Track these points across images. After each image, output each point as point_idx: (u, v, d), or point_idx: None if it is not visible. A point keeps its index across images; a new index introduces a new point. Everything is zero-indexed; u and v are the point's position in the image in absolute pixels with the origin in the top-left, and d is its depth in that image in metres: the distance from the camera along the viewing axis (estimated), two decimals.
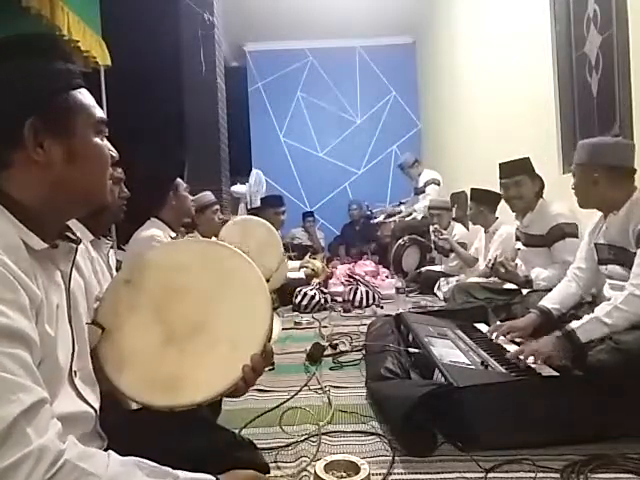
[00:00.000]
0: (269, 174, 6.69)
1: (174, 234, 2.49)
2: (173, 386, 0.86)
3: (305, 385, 2.08)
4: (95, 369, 0.87)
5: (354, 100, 7.53)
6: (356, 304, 3.82)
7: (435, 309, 3.34)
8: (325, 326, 3.20)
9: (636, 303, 1.61)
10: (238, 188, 6.18)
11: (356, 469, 1.12)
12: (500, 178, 2.79)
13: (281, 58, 7.36)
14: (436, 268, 4.56)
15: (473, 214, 3.64)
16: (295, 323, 3.34)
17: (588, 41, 2.97)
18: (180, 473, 0.71)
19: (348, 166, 7.51)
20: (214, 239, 2.77)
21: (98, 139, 0.82)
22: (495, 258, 2.74)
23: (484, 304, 2.74)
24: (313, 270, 4.24)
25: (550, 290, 2.21)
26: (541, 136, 3.45)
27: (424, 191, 5.50)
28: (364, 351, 2.44)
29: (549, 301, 2.10)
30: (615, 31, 2.65)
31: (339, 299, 4.00)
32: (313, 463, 1.35)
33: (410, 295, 4.29)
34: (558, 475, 1.30)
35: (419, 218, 5.34)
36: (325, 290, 4.04)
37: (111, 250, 1.61)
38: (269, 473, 1.13)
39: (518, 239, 2.88)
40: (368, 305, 3.83)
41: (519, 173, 2.69)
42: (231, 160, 5.72)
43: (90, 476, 0.63)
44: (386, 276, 4.84)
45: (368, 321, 2.93)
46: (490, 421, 1.45)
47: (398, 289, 4.29)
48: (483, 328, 2.36)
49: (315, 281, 4.12)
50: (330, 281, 4.34)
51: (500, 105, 4.27)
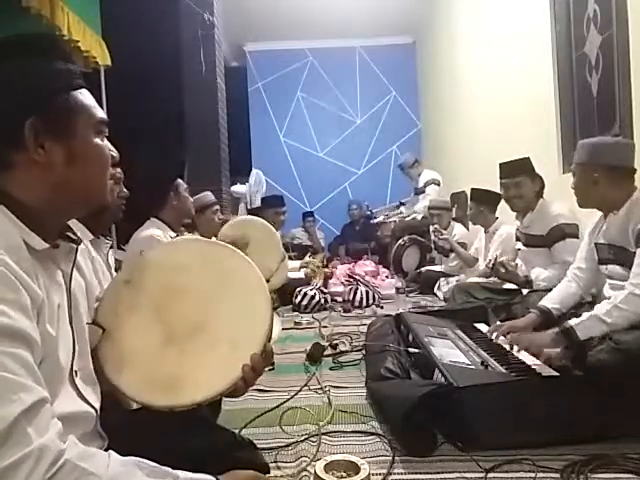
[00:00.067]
0: (269, 174, 6.69)
1: (174, 234, 2.49)
2: (173, 386, 0.86)
3: (305, 385, 2.07)
4: (95, 369, 0.87)
5: (354, 100, 7.53)
6: (356, 304, 3.82)
7: (435, 309, 3.34)
8: (325, 326, 3.20)
9: (636, 302, 1.61)
10: (238, 188, 6.18)
11: (356, 469, 1.12)
12: (500, 178, 2.79)
13: (281, 58, 7.36)
14: (436, 268, 4.56)
15: (473, 214, 3.64)
16: (295, 323, 3.34)
17: (588, 41, 2.97)
18: (180, 473, 0.71)
19: (348, 166, 7.51)
20: (214, 239, 2.77)
21: (99, 140, 0.82)
22: (495, 258, 2.74)
23: (484, 304, 2.75)
24: (313, 270, 4.24)
25: (550, 290, 2.21)
26: (541, 136, 3.44)
27: (424, 191, 5.49)
28: (364, 351, 2.44)
29: (549, 301, 2.10)
30: (615, 31, 2.65)
31: (339, 299, 4.00)
32: (313, 463, 1.35)
33: (410, 295, 4.29)
34: (558, 475, 1.30)
35: (419, 218, 5.34)
36: (325, 290, 4.04)
37: (110, 250, 1.61)
38: (269, 473, 1.13)
39: (518, 239, 2.88)
40: (368, 305, 3.82)
41: (519, 173, 2.69)
42: (231, 160, 5.72)
43: (90, 476, 0.63)
44: (386, 276, 4.84)
45: (368, 321, 2.93)
46: (490, 421, 1.45)
47: (398, 289, 4.29)
48: (483, 328, 2.36)
49: (315, 281, 4.12)
50: (330, 281, 4.33)
51: (500, 105, 4.27)
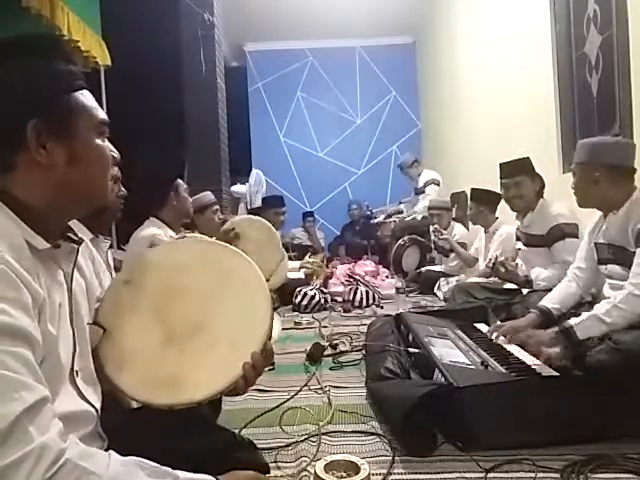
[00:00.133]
0: (269, 174, 6.69)
1: (173, 234, 2.49)
2: (173, 385, 0.86)
3: (305, 385, 2.07)
4: (96, 369, 0.88)
5: (354, 100, 7.53)
6: (356, 304, 3.82)
7: (435, 309, 3.34)
8: (325, 326, 3.20)
9: (635, 302, 1.61)
10: (238, 188, 6.18)
11: (356, 469, 1.12)
12: (500, 178, 2.79)
13: (281, 58, 7.36)
14: (436, 268, 4.56)
15: (473, 214, 3.64)
16: (295, 323, 3.33)
17: (588, 41, 2.97)
18: (180, 473, 0.71)
19: (348, 166, 7.51)
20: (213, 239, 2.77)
21: (100, 140, 0.82)
22: (495, 258, 2.74)
23: (484, 304, 2.74)
24: (313, 270, 4.24)
25: (550, 290, 2.21)
26: (541, 136, 3.44)
27: (424, 191, 5.50)
28: (364, 351, 2.43)
29: (549, 301, 2.10)
30: (615, 31, 2.65)
31: (339, 299, 4.00)
32: (313, 463, 1.35)
33: (410, 295, 4.29)
34: (558, 475, 1.30)
35: (419, 218, 5.34)
36: (325, 290, 4.04)
37: (110, 249, 1.62)
38: (269, 473, 1.13)
39: (518, 239, 2.88)
40: (368, 305, 3.82)
41: (519, 173, 2.69)
42: (231, 160, 5.72)
43: (91, 475, 0.63)
44: (386, 276, 4.83)
45: (368, 321, 2.93)
46: (490, 421, 1.45)
47: (398, 289, 4.29)
48: (483, 328, 2.36)
49: (315, 281, 4.12)
50: (330, 281, 4.33)
51: (500, 105, 4.27)
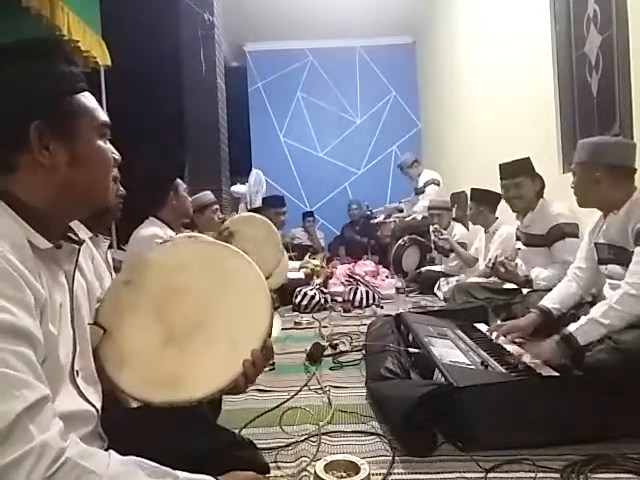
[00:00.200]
0: (269, 174, 6.69)
1: (173, 233, 2.49)
2: (173, 383, 0.87)
3: (305, 385, 2.07)
4: (97, 368, 0.88)
5: (354, 100, 7.53)
6: (356, 304, 3.82)
7: (435, 309, 3.33)
8: (325, 326, 3.20)
9: (630, 302, 1.60)
10: (238, 188, 6.18)
11: (356, 469, 1.12)
12: (500, 179, 2.78)
13: (281, 58, 7.36)
14: (436, 268, 4.56)
15: (473, 214, 3.64)
16: (295, 323, 3.33)
17: (588, 41, 2.97)
18: (180, 474, 0.72)
19: (348, 166, 7.51)
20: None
21: (101, 142, 0.83)
22: (495, 258, 2.74)
23: (484, 304, 2.74)
24: (313, 270, 4.24)
25: (550, 290, 2.21)
26: (541, 136, 3.44)
27: (424, 191, 5.50)
28: (364, 351, 2.43)
29: (549, 301, 2.10)
30: (615, 31, 2.65)
31: (339, 299, 3.99)
32: (313, 463, 1.34)
33: (410, 295, 4.29)
34: (558, 475, 1.30)
35: (419, 218, 5.34)
36: (325, 290, 4.04)
37: (109, 249, 1.62)
38: (269, 473, 1.13)
39: (518, 239, 2.88)
40: (368, 305, 3.82)
41: (519, 174, 2.69)
42: (231, 160, 5.72)
43: (91, 474, 0.63)
44: (386, 276, 4.83)
45: (368, 321, 2.93)
46: (490, 421, 1.45)
47: (398, 289, 4.29)
48: (483, 328, 2.36)
49: (315, 281, 4.12)
50: (330, 281, 4.33)
51: (500, 105, 4.27)
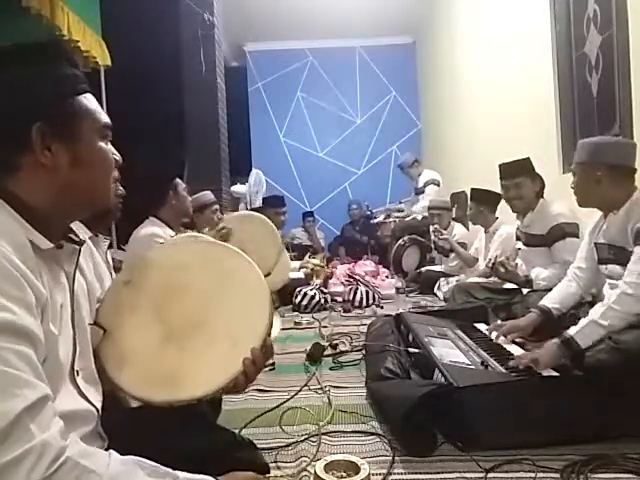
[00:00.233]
0: (269, 174, 6.69)
1: (173, 233, 2.49)
2: (173, 382, 0.87)
3: (305, 385, 2.07)
4: (97, 369, 0.88)
5: (354, 100, 7.53)
6: (356, 304, 3.82)
7: (435, 309, 3.34)
8: (325, 326, 3.20)
9: (628, 302, 1.60)
10: (238, 188, 6.18)
11: (356, 469, 1.12)
12: (500, 179, 2.78)
13: (281, 58, 7.36)
14: (436, 268, 4.56)
15: (473, 214, 3.64)
16: (295, 323, 3.33)
17: (588, 41, 2.97)
18: (180, 474, 0.72)
19: (348, 166, 7.51)
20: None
21: (103, 144, 0.83)
22: (495, 258, 2.74)
23: (484, 304, 2.74)
24: (313, 270, 4.24)
25: (550, 290, 2.21)
26: (541, 136, 3.44)
27: (424, 191, 5.50)
28: (364, 351, 2.43)
29: (549, 301, 2.10)
30: (615, 31, 2.65)
31: (339, 299, 3.99)
32: (313, 463, 1.34)
33: (410, 295, 4.29)
34: (558, 475, 1.30)
35: (419, 218, 5.34)
36: (325, 290, 4.04)
37: (109, 249, 1.62)
38: (269, 473, 1.13)
39: (519, 239, 2.88)
40: (368, 305, 3.82)
41: (519, 174, 2.68)
42: (231, 160, 5.72)
43: (91, 474, 0.63)
44: (386, 276, 4.83)
45: (368, 321, 2.93)
46: (490, 421, 1.45)
47: (398, 289, 4.29)
48: (483, 328, 2.36)
49: (315, 281, 4.12)
50: (330, 281, 4.33)
51: (500, 105, 4.27)
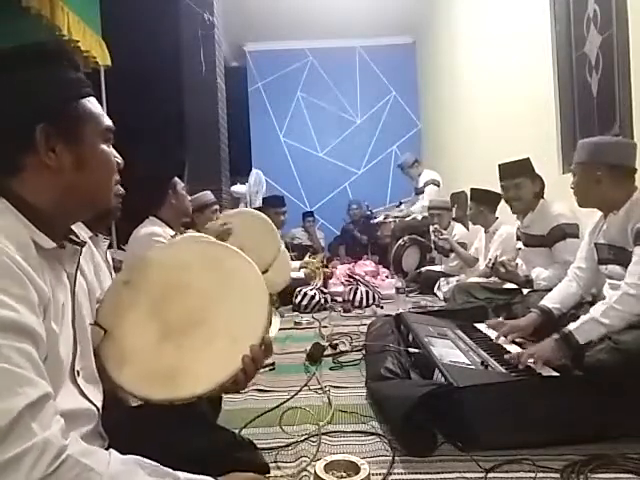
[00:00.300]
0: (269, 174, 6.69)
1: (172, 232, 2.49)
2: (172, 380, 0.87)
3: (305, 385, 2.07)
4: (98, 368, 0.88)
5: (354, 100, 7.53)
6: (356, 304, 3.82)
7: (435, 309, 3.34)
8: (325, 326, 3.20)
9: (630, 302, 1.60)
10: (238, 188, 6.18)
11: (356, 469, 1.12)
12: (500, 179, 2.78)
13: (281, 58, 7.36)
14: (436, 268, 4.56)
15: (473, 214, 3.64)
16: (295, 323, 3.33)
17: (588, 41, 2.97)
18: (180, 474, 0.72)
19: (348, 166, 7.51)
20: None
21: (105, 146, 0.84)
22: (495, 258, 2.74)
23: (484, 304, 2.74)
24: (313, 270, 4.24)
25: (550, 290, 2.21)
26: (541, 136, 3.44)
27: (424, 191, 5.50)
28: (364, 351, 2.43)
29: (550, 301, 2.10)
30: (615, 31, 2.65)
31: (339, 299, 3.99)
32: (313, 463, 1.34)
33: (410, 295, 4.29)
34: (558, 475, 1.30)
35: (419, 218, 5.34)
36: (325, 290, 4.04)
37: (109, 249, 1.62)
38: (269, 473, 1.13)
39: (519, 239, 2.88)
40: (368, 305, 3.82)
41: (519, 175, 2.68)
42: (231, 160, 5.72)
43: (92, 472, 0.63)
44: (386, 276, 4.83)
45: (368, 321, 2.93)
46: (490, 421, 1.45)
47: (398, 289, 4.29)
48: (483, 328, 2.36)
49: (315, 281, 4.12)
50: (330, 281, 4.33)
51: (500, 105, 4.27)
